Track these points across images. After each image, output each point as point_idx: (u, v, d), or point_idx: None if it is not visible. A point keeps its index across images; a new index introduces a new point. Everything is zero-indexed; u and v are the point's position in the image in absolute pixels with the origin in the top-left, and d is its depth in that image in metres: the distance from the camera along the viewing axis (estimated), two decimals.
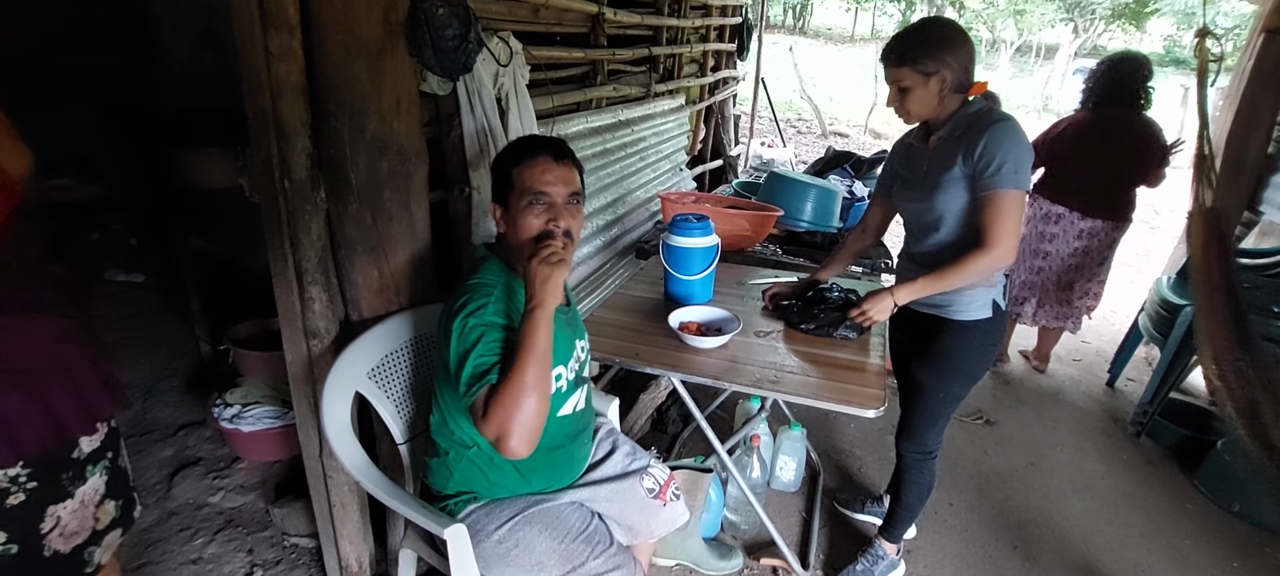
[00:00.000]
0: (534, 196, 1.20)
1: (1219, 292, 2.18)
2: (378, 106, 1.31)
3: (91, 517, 1.04)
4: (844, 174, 3.07)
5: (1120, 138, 2.70)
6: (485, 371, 1.10)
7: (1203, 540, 2.18)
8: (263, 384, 2.15)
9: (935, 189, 1.49)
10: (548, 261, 1.13)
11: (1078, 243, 2.84)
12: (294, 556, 1.86)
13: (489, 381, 1.09)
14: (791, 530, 2.08)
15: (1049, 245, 2.90)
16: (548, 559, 1.23)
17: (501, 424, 1.06)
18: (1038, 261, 2.96)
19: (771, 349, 1.65)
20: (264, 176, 1.31)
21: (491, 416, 1.06)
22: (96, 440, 1.04)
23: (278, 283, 1.40)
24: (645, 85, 2.85)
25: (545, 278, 1.12)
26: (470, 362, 1.10)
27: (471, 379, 1.10)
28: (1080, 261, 2.87)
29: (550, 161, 1.21)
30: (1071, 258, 2.87)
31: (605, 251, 2.48)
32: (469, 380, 1.10)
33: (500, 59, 1.67)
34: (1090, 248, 2.83)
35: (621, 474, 1.40)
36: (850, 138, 8.68)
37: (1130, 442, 2.71)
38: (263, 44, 1.19)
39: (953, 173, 1.45)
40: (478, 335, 1.12)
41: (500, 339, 1.13)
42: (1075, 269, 2.89)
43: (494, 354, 1.12)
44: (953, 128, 1.47)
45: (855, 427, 2.59)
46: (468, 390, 1.10)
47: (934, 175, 1.49)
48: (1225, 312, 2.15)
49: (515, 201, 1.22)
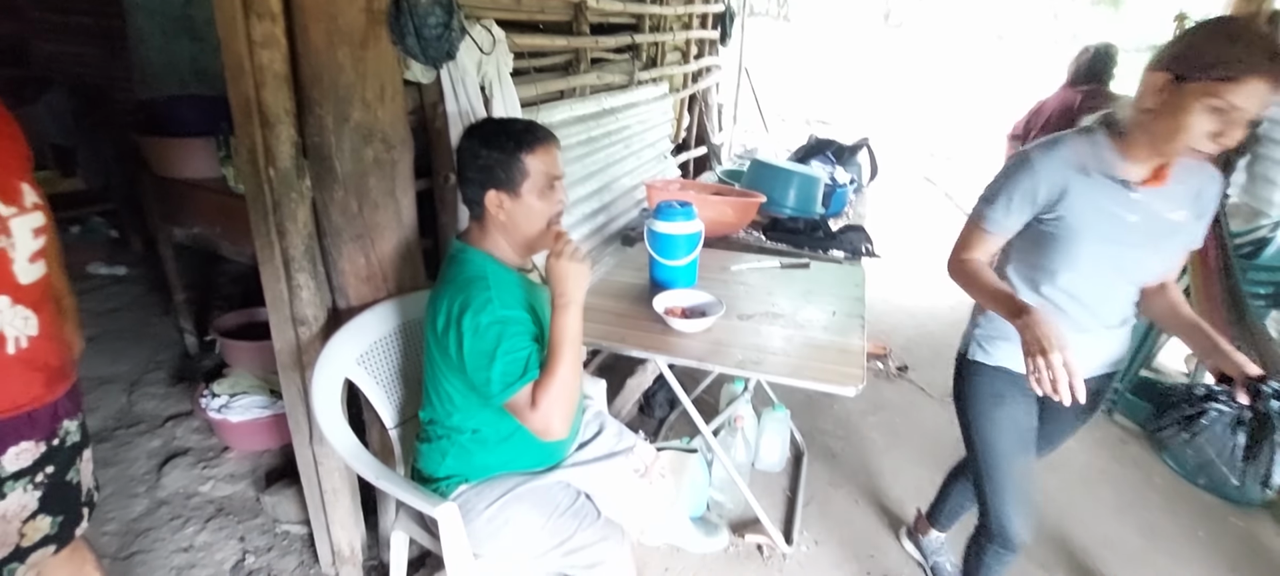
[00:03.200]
0: (554, 180, 1.22)
1: (1215, 273, 2.21)
2: (362, 94, 1.32)
3: (15, 533, 1.02)
4: (826, 160, 3.10)
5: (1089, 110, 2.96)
6: (523, 368, 1.12)
7: (1170, 511, 2.26)
8: (250, 373, 2.16)
9: (1172, 234, 1.25)
10: (573, 258, 1.17)
11: None
12: (286, 543, 1.88)
13: (531, 377, 1.12)
14: (776, 508, 2.13)
15: None
16: (537, 534, 1.26)
17: (549, 415, 1.10)
18: None
19: (754, 331, 1.69)
20: (249, 165, 1.32)
21: (541, 409, 1.10)
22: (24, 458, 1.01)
23: (265, 271, 1.41)
24: (629, 73, 2.86)
25: (576, 275, 1.16)
26: (500, 361, 1.11)
27: (506, 376, 1.11)
28: None
29: (557, 148, 1.24)
30: None
31: (591, 239, 2.49)
32: (503, 377, 1.11)
33: (483, 47, 1.68)
34: None
35: (608, 454, 1.43)
36: (833, 125, 8.75)
37: (1102, 420, 2.79)
38: (246, 32, 1.19)
39: (1185, 214, 1.24)
40: (496, 332, 1.12)
41: (521, 331, 1.15)
42: None
43: (524, 348, 1.13)
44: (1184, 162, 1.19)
45: (838, 408, 2.65)
46: (505, 387, 1.11)
47: (1169, 216, 1.23)
48: (1221, 293, 2.18)
49: (529, 188, 1.19)
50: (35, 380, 1.03)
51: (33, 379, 1.02)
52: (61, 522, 1.10)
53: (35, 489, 1.04)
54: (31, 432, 1.02)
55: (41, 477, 1.05)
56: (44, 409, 1.04)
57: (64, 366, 1.10)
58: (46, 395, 1.05)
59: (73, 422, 1.12)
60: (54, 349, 1.06)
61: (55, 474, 1.07)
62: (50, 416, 1.06)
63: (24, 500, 1.02)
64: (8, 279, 0.97)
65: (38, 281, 1.02)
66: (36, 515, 1.05)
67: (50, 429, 1.06)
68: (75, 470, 1.13)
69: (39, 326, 1.02)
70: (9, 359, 0.98)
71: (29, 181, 1.03)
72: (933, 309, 3.83)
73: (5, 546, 1.01)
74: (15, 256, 0.97)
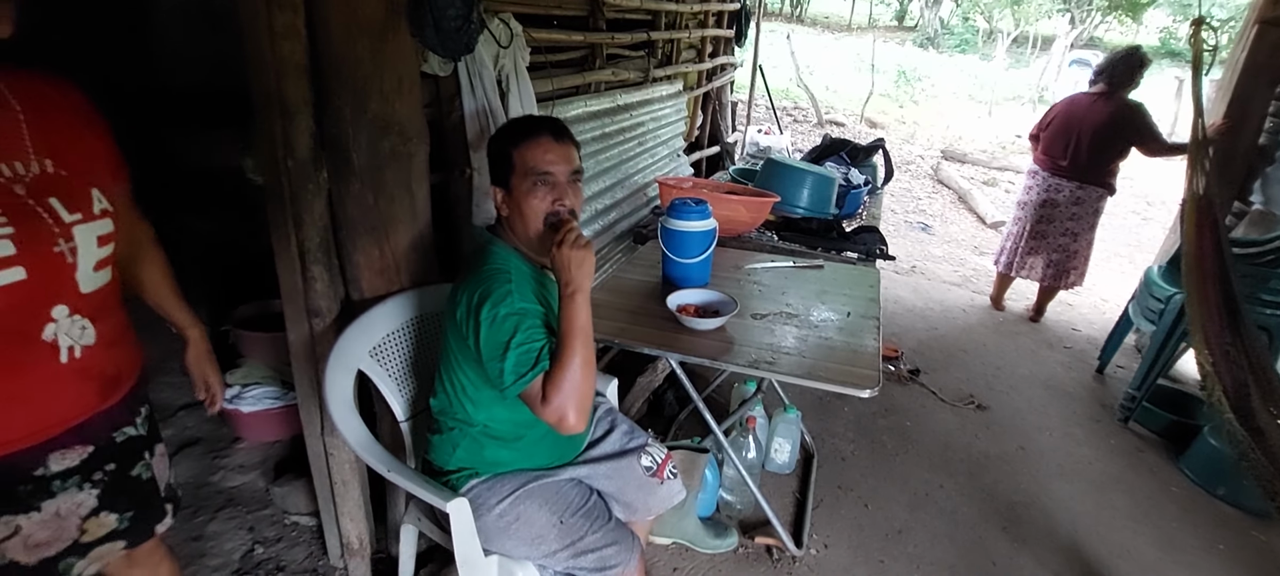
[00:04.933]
0: (538, 177, 1.20)
1: (1211, 278, 2.20)
2: (380, 86, 1.32)
3: (74, 529, 1.00)
4: (840, 161, 3.08)
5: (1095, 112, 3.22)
6: (536, 359, 1.11)
7: (1189, 523, 2.23)
8: (263, 365, 2.17)
9: None
10: (577, 246, 1.15)
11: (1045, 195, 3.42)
12: (295, 534, 1.88)
13: (542, 368, 1.11)
14: (786, 510, 2.11)
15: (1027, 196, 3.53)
16: (547, 532, 1.26)
17: (562, 406, 1.09)
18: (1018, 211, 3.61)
19: (767, 331, 1.67)
20: (268, 156, 1.32)
21: (552, 401, 1.09)
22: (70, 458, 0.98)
23: (280, 262, 1.42)
24: (644, 70, 2.85)
25: (579, 261, 1.15)
26: (513, 352, 1.11)
27: (519, 367, 1.11)
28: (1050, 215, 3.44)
29: (551, 141, 1.22)
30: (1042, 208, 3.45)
31: (603, 235, 2.49)
32: (516, 369, 1.11)
33: (501, 40, 1.68)
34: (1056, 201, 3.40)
35: (620, 452, 1.43)
36: (846, 127, 8.69)
37: (1118, 428, 2.75)
38: (267, 23, 1.19)
39: None
40: (513, 324, 1.12)
41: (537, 324, 1.14)
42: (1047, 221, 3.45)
43: (537, 339, 1.13)
44: None
45: (849, 411, 2.63)
46: (517, 378, 1.11)
47: None
48: (1217, 298, 2.16)
49: (518, 183, 1.21)
50: (88, 390, 0.99)
51: (85, 389, 0.99)
52: (132, 518, 1.07)
53: (91, 487, 1.01)
54: (78, 441, 0.99)
55: (99, 476, 1.02)
56: (94, 419, 1.01)
57: (121, 374, 1.06)
58: (98, 404, 1.01)
59: (130, 427, 1.08)
60: (111, 357, 1.02)
61: (116, 470, 1.04)
62: (102, 425, 1.03)
63: (78, 498, 1.00)
64: (69, 287, 0.93)
65: (101, 289, 0.98)
66: (99, 512, 1.02)
67: (101, 435, 1.02)
68: (144, 465, 1.10)
69: (96, 336, 0.98)
70: (61, 369, 0.94)
71: (103, 187, 0.98)
72: (945, 312, 3.80)
73: (62, 542, 0.99)
74: (78, 264, 0.93)
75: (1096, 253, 3.58)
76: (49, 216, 0.90)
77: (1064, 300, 3.93)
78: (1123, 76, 3.16)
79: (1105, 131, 3.18)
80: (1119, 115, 3.16)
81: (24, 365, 0.91)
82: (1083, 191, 3.33)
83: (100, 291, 0.98)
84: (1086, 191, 3.33)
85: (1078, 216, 3.37)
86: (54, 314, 0.92)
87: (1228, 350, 2.09)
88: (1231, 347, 2.09)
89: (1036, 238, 3.49)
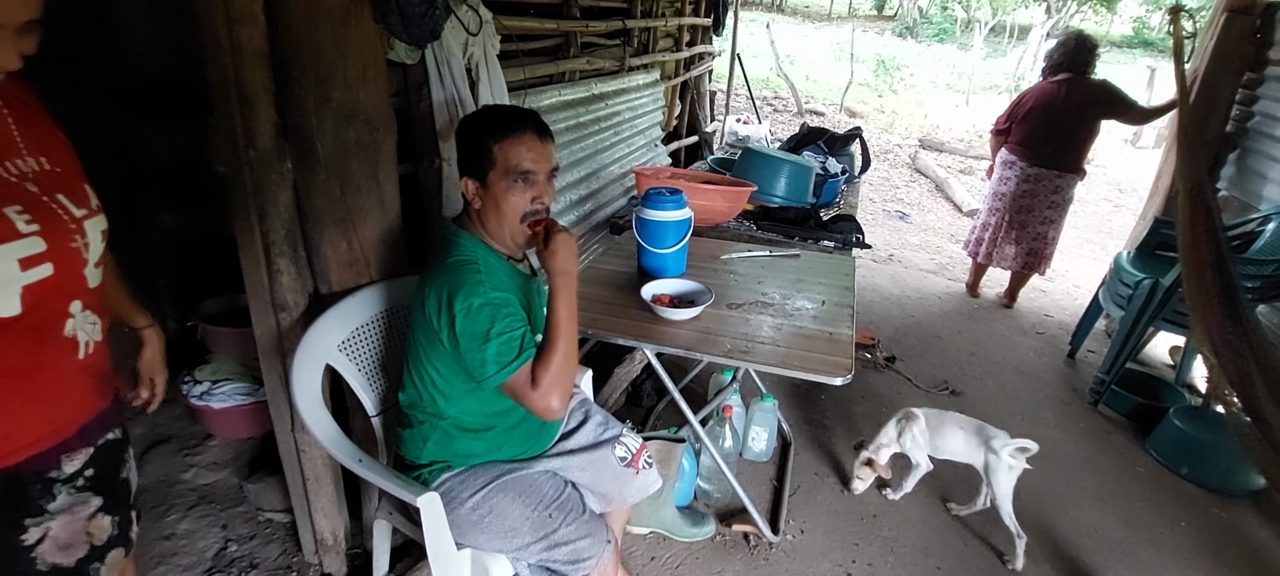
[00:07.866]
0: (521, 176, 1.18)
1: (1209, 267, 2.19)
2: (344, 74, 1.29)
3: (82, 532, 0.98)
4: (818, 150, 3.09)
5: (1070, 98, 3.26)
6: (519, 348, 1.12)
7: (1153, 501, 2.28)
8: (232, 360, 2.13)
9: None
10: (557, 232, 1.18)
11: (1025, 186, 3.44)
12: (268, 531, 1.86)
13: (528, 356, 1.12)
14: (763, 498, 2.13)
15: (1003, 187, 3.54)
16: (521, 525, 1.25)
17: (550, 392, 1.11)
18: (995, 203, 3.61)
19: (743, 320, 1.68)
20: (228, 146, 1.28)
21: (541, 387, 1.11)
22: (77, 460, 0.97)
23: (244, 255, 1.39)
24: (619, 59, 2.83)
25: (565, 246, 1.17)
26: (494, 342, 1.11)
27: (502, 356, 1.11)
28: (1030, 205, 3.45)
29: (535, 139, 1.20)
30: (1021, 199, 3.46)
31: (579, 226, 2.47)
32: (499, 358, 1.11)
33: (470, 28, 1.65)
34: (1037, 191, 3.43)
35: (594, 443, 1.42)
36: (826, 116, 8.72)
37: (1088, 411, 2.81)
38: (223, 8, 1.16)
39: None
40: (489, 314, 1.12)
41: (513, 313, 1.14)
42: (1027, 210, 3.46)
43: (517, 327, 1.13)
44: None
45: (826, 398, 2.65)
46: (501, 368, 1.11)
47: None
48: (1215, 287, 2.16)
49: (497, 179, 1.18)
50: (94, 389, 0.99)
51: (92, 387, 0.98)
52: (119, 523, 1.05)
53: (92, 491, 0.99)
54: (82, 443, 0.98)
55: (98, 477, 1.00)
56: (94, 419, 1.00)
57: (111, 373, 1.05)
58: (100, 403, 1.01)
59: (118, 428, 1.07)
60: (106, 355, 1.02)
61: (110, 473, 1.03)
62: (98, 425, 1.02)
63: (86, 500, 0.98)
64: (82, 283, 0.92)
65: (101, 284, 0.98)
66: (98, 514, 1.00)
67: (98, 436, 1.02)
68: (127, 467, 1.09)
69: (102, 332, 0.98)
70: (78, 365, 0.93)
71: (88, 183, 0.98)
72: (921, 299, 3.84)
73: (81, 546, 0.97)
74: (88, 259, 0.92)
75: (1070, 240, 3.65)
76: (63, 212, 0.89)
77: (1037, 287, 3.99)
78: (1084, 59, 3.23)
79: (1086, 113, 3.25)
80: (1096, 95, 3.24)
81: (47, 363, 0.90)
82: (1061, 179, 3.38)
83: (100, 287, 0.98)
84: (1065, 179, 3.39)
85: (1056, 205, 3.43)
86: (71, 309, 0.91)
87: (1229, 339, 2.07)
88: (1232, 336, 2.08)
89: (1015, 227, 3.53)
